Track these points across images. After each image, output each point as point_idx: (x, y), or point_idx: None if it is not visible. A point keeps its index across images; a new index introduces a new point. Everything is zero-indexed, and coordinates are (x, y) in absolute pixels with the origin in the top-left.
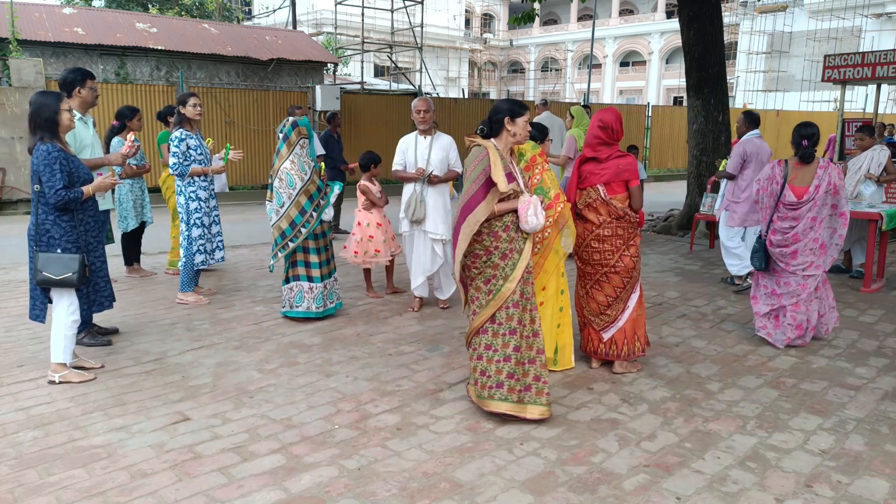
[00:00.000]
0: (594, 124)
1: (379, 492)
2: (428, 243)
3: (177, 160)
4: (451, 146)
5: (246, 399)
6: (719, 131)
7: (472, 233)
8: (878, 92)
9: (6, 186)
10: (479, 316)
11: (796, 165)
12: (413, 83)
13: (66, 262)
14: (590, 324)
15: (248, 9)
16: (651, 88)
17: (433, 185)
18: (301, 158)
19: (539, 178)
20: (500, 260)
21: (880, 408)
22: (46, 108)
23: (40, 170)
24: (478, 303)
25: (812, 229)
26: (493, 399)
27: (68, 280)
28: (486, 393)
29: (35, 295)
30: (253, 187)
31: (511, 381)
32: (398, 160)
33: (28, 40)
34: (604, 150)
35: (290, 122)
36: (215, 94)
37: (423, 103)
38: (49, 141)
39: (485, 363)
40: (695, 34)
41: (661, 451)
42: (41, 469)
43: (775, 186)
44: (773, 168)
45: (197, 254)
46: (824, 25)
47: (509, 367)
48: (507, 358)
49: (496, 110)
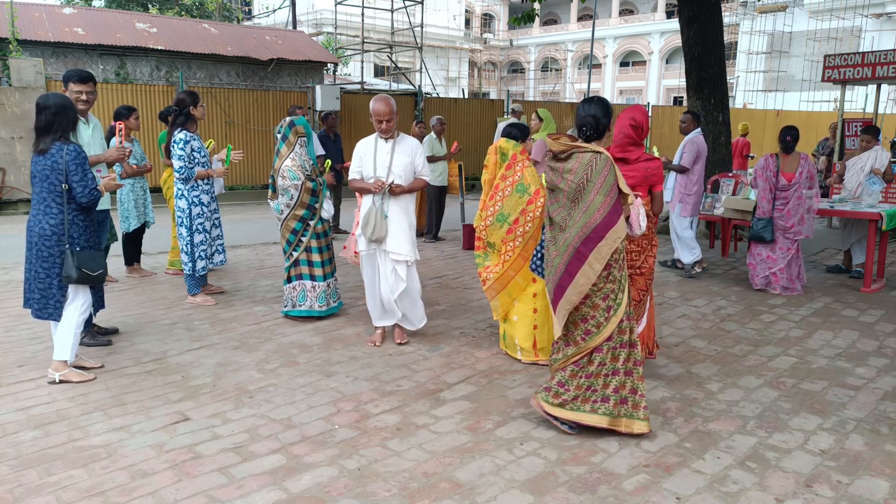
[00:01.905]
0: (625, 123)
1: (379, 492)
2: (389, 265)
3: (183, 164)
4: (416, 150)
5: (246, 399)
6: (719, 131)
7: (612, 251)
8: (878, 92)
9: (6, 186)
10: (598, 335)
11: (783, 157)
12: (413, 83)
13: (99, 258)
14: None
15: (248, 9)
16: (651, 88)
17: (395, 196)
18: (301, 157)
19: (520, 174)
20: (618, 272)
21: (880, 408)
22: (71, 109)
23: (71, 169)
24: (593, 321)
25: (799, 205)
26: (596, 413)
27: (102, 276)
28: (588, 407)
29: (49, 294)
30: (253, 187)
31: (616, 395)
32: (355, 167)
33: (28, 40)
34: (633, 151)
35: (288, 123)
36: (215, 94)
37: (386, 106)
38: (69, 142)
39: (592, 380)
40: (695, 34)
41: (661, 451)
42: (41, 469)
43: (770, 174)
44: (767, 160)
45: (199, 260)
46: (824, 25)
47: (617, 381)
48: (615, 371)
49: (607, 111)
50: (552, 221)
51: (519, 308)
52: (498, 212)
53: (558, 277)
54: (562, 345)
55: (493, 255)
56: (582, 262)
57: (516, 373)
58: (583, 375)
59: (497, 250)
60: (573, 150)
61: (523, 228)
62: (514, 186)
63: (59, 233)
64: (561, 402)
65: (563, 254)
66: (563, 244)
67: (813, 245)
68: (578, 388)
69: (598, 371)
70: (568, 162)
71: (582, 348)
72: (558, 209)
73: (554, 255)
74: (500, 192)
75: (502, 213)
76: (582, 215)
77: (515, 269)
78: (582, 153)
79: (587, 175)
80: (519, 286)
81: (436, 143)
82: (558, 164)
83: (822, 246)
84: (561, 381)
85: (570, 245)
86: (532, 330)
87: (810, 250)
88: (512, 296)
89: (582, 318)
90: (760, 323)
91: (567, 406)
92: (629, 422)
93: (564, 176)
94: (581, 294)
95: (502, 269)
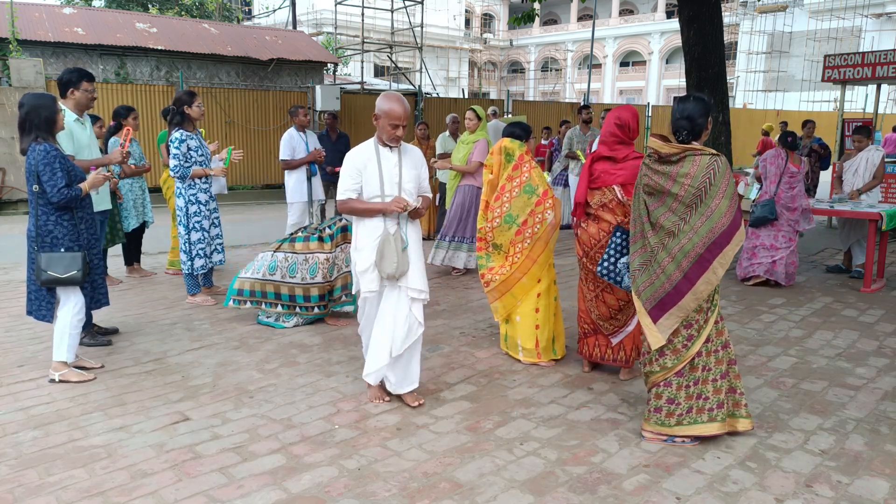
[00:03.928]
0: (611, 122)
1: (379, 492)
2: (405, 306)
3: (178, 162)
4: (422, 162)
5: (246, 399)
6: (719, 131)
7: (734, 255)
8: (878, 92)
9: (6, 186)
10: (698, 339)
11: (789, 153)
12: (413, 83)
13: (68, 260)
14: (598, 329)
15: (248, 9)
16: (651, 88)
17: (414, 219)
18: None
19: (527, 175)
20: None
21: (880, 408)
22: (45, 108)
23: (40, 169)
24: (696, 326)
25: (801, 195)
26: (715, 421)
27: (73, 278)
28: (706, 416)
29: (40, 296)
30: (253, 187)
31: (725, 398)
32: (351, 185)
33: (28, 40)
34: (621, 150)
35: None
36: (215, 94)
37: (403, 107)
38: (45, 141)
39: (700, 387)
40: (695, 34)
41: (661, 451)
42: (41, 469)
43: (781, 161)
44: (778, 150)
45: (196, 258)
46: (824, 25)
47: (728, 383)
48: (724, 375)
49: (703, 110)
50: (655, 226)
51: (522, 308)
52: (506, 213)
53: (673, 284)
54: (655, 355)
55: (497, 257)
56: (705, 268)
57: (516, 373)
58: (690, 384)
59: (504, 252)
60: (687, 153)
61: (532, 230)
62: (521, 187)
63: (33, 234)
64: (678, 419)
65: (680, 260)
66: (681, 250)
67: (813, 245)
68: (689, 399)
69: (705, 377)
70: (682, 165)
71: (684, 357)
72: (666, 213)
73: (667, 261)
74: (506, 193)
75: (510, 215)
76: (705, 221)
77: (523, 272)
78: (698, 156)
79: (709, 179)
80: (525, 288)
81: (449, 142)
82: (668, 167)
83: (822, 246)
84: (670, 398)
85: (692, 251)
86: (534, 330)
87: (810, 250)
88: (517, 297)
89: (686, 324)
90: (760, 323)
91: (685, 421)
92: (733, 421)
93: (679, 180)
94: (699, 301)
95: (509, 270)
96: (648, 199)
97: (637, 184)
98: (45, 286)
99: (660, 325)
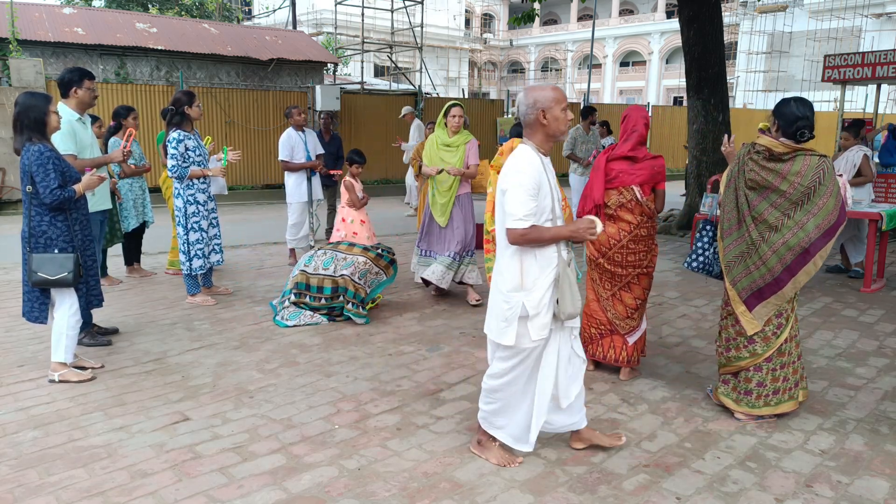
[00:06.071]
0: (640, 122)
1: (379, 492)
2: (567, 345)
3: (175, 162)
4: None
5: (246, 399)
6: (719, 131)
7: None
8: (878, 92)
9: (6, 186)
10: (787, 327)
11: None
12: (413, 83)
13: (60, 261)
14: (614, 329)
15: (248, 9)
16: (651, 88)
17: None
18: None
19: None
20: None
21: (880, 408)
22: (35, 108)
23: (33, 170)
24: (785, 315)
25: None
26: (793, 399)
27: (64, 280)
28: (787, 396)
29: (33, 297)
30: (253, 187)
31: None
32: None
33: (28, 40)
34: (641, 150)
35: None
36: (215, 94)
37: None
38: (39, 142)
39: (785, 370)
40: (695, 34)
41: (661, 451)
42: (41, 469)
43: None
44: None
45: (195, 258)
46: (824, 25)
47: (800, 364)
48: (799, 357)
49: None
50: (756, 220)
51: None
52: None
53: (774, 275)
54: (744, 341)
55: None
56: (807, 261)
57: None
58: (777, 368)
59: None
60: (797, 153)
61: None
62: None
63: (30, 235)
64: (765, 400)
65: (783, 254)
66: (784, 244)
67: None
68: (775, 381)
69: (789, 361)
70: (793, 164)
71: (773, 344)
72: (769, 208)
73: (769, 254)
74: None
75: None
76: (812, 218)
77: None
78: (808, 156)
79: (818, 178)
80: None
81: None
82: (779, 164)
83: None
84: (760, 382)
85: (797, 246)
86: None
87: None
88: None
89: (777, 313)
90: None
91: (772, 402)
92: (804, 392)
93: (789, 178)
94: (797, 289)
95: None
96: (750, 193)
97: (734, 178)
98: (36, 287)
99: (756, 311)
